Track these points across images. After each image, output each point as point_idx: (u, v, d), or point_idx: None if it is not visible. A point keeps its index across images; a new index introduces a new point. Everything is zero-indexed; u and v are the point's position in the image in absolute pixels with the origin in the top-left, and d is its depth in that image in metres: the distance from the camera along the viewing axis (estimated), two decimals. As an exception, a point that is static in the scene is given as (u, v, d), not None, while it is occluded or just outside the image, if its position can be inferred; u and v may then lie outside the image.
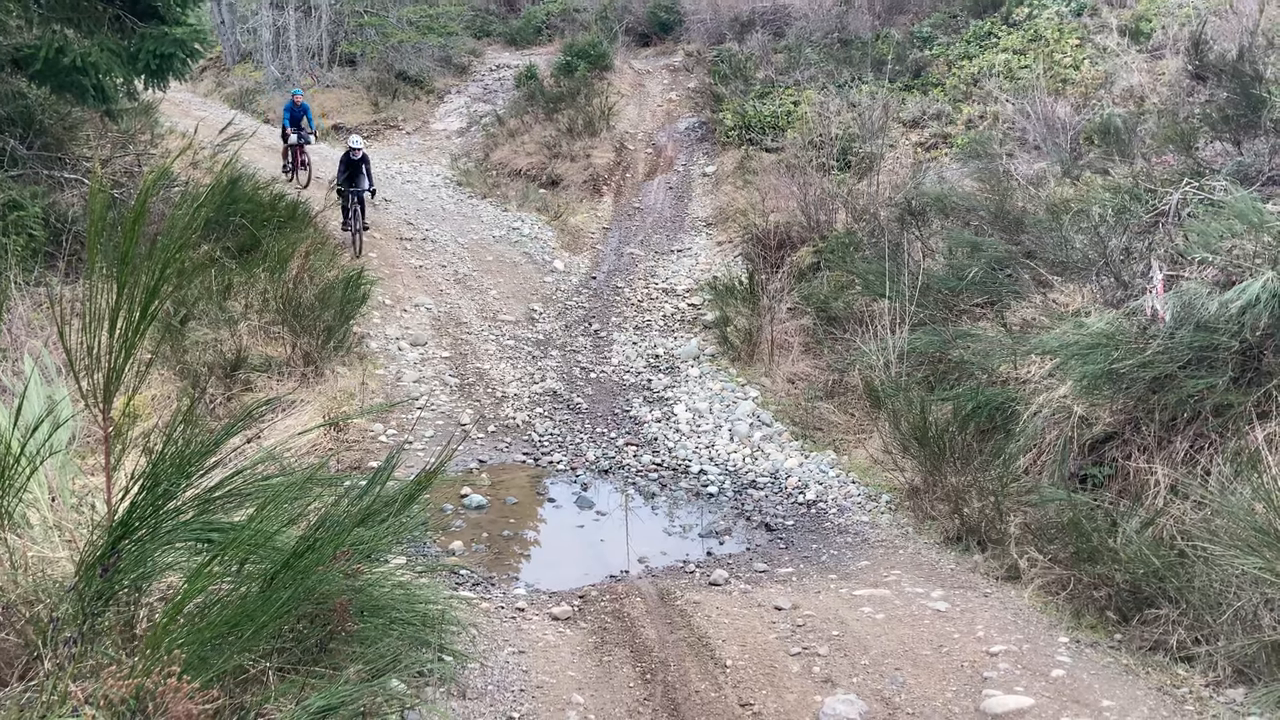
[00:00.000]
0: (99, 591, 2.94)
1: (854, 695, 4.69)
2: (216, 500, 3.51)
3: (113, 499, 3.37)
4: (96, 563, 2.96)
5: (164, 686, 2.27)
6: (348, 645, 3.73)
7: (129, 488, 3.11)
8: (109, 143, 11.74)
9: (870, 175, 12.92)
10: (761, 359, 10.60)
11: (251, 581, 3.13)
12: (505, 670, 4.92)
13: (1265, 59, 10.35)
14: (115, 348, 3.39)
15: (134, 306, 3.38)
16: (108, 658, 2.92)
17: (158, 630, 2.80)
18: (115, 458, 3.86)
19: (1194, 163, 9.00)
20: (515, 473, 8.52)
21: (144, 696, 2.34)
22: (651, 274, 14.11)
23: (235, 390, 8.37)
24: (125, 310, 3.38)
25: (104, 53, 9.10)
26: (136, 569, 3.11)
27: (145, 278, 3.36)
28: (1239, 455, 5.44)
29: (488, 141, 19.45)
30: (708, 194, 16.66)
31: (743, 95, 17.99)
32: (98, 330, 3.33)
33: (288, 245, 10.74)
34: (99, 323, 3.31)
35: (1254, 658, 4.44)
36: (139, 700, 2.33)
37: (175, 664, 2.40)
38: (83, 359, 3.36)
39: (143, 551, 3.13)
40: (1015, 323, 8.17)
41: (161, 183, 10.42)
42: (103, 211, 3.22)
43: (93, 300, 3.33)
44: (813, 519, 7.66)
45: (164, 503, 3.16)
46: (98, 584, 2.95)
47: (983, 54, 15.99)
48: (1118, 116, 11.33)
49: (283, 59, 22.72)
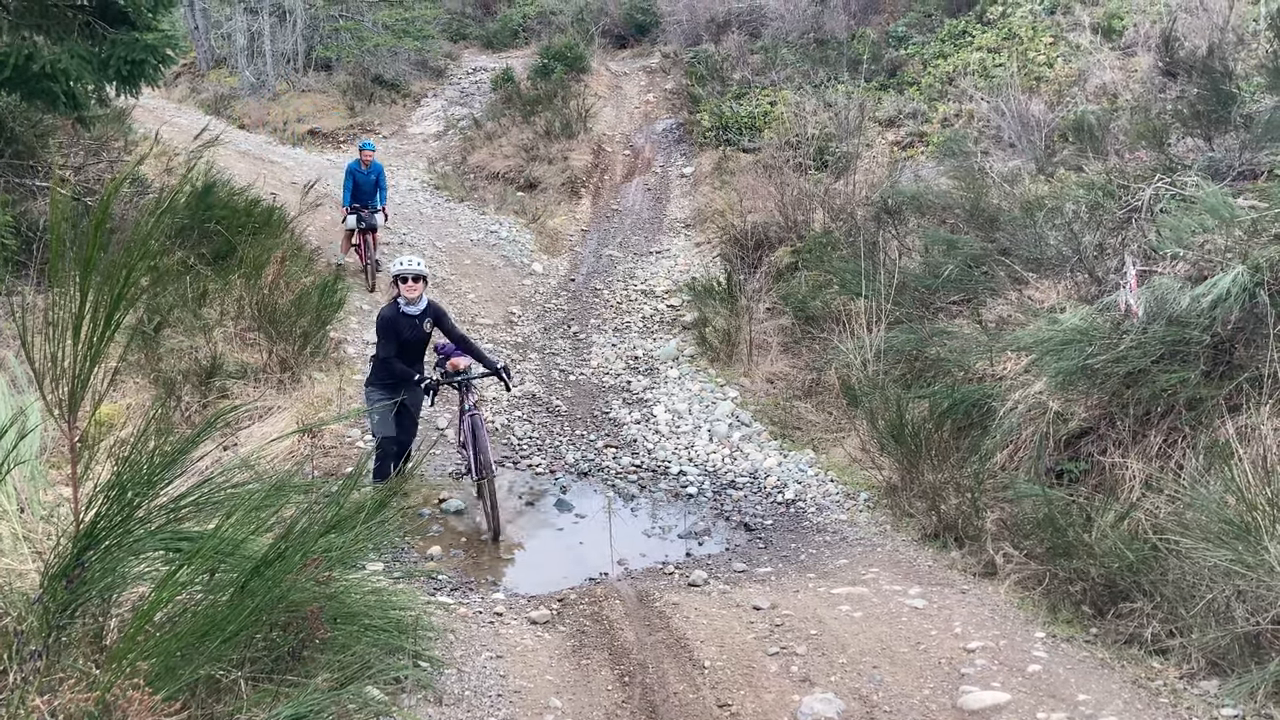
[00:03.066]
0: (64, 603, 2.91)
1: (832, 694, 4.69)
2: (186, 509, 3.48)
3: (80, 509, 3.34)
4: (61, 574, 2.93)
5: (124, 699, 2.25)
6: (321, 653, 3.70)
7: (94, 497, 3.08)
8: (81, 150, 11.63)
9: (847, 175, 12.97)
10: (740, 359, 10.60)
11: (220, 591, 3.10)
12: (483, 675, 4.89)
13: (1235, 55, 10.44)
14: (80, 356, 3.36)
15: (99, 314, 3.35)
16: (76, 670, 2.89)
17: (124, 641, 2.77)
18: (85, 467, 3.82)
19: (1166, 159, 9.07)
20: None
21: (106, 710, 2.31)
22: (630, 276, 14.10)
23: (211, 398, 8.31)
24: (90, 318, 3.35)
25: (74, 59, 9.00)
26: (103, 580, 3.08)
27: (111, 284, 3.33)
28: (1211, 448, 5.48)
29: (465, 145, 19.40)
30: (686, 195, 16.68)
31: (719, 96, 18.03)
32: (62, 339, 3.30)
33: (263, 251, 10.67)
34: (63, 331, 3.27)
35: (1227, 649, 4.46)
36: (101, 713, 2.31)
37: (139, 676, 2.37)
38: (48, 368, 3.33)
39: (109, 562, 3.10)
40: (991, 320, 8.20)
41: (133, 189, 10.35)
42: (63, 217, 3.18)
43: (57, 308, 3.30)
44: (791, 518, 7.66)
45: (131, 512, 3.14)
46: (63, 596, 2.92)
47: (957, 52, 16.07)
48: (1091, 113, 11.40)
49: (258, 64, 22.59)
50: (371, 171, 12.66)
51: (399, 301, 7.27)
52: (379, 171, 12.78)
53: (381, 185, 12.78)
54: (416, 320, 7.30)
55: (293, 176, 16.13)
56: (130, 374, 8.04)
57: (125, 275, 3.31)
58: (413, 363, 7.33)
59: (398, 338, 7.19)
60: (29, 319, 3.42)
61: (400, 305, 7.26)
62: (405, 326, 7.24)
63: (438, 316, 7.45)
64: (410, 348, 7.32)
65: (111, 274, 3.29)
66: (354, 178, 12.53)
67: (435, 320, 7.42)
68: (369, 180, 12.64)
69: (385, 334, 7.17)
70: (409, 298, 7.22)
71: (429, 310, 7.38)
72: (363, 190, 12.57)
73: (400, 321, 7.23)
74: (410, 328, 7.27)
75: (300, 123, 20.80)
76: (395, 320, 7.22)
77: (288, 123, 20.76)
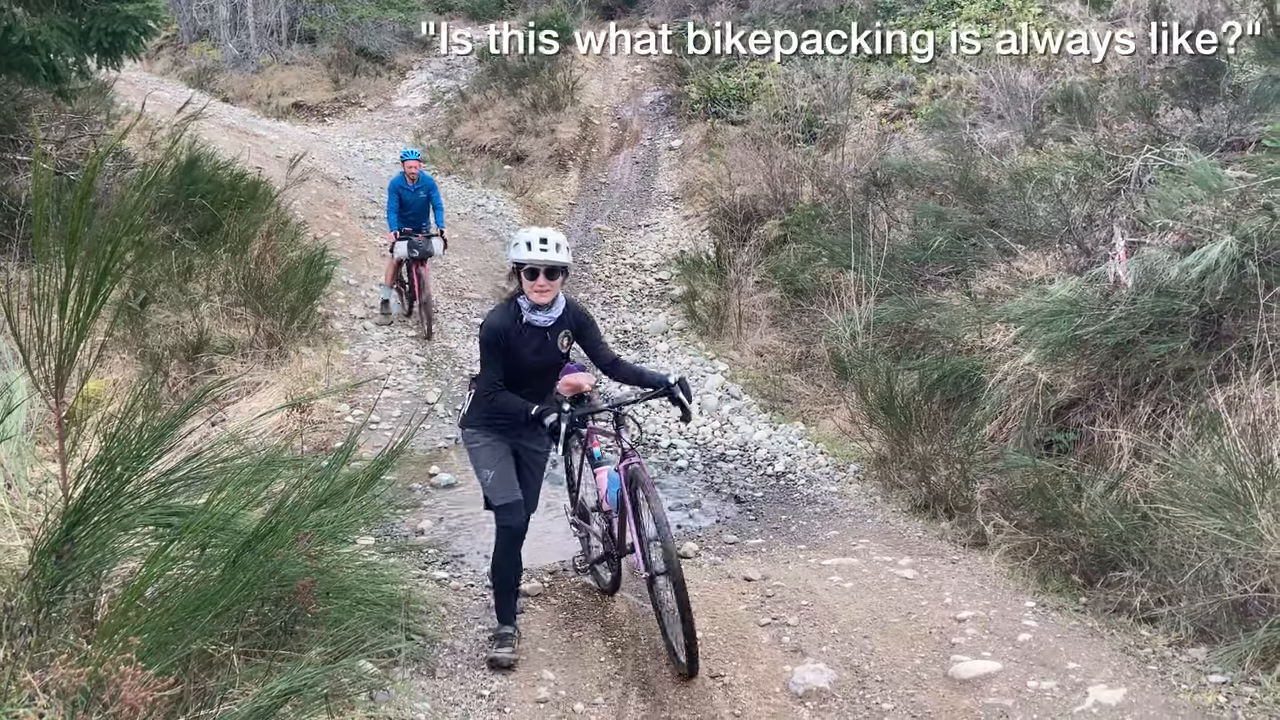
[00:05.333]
0: (54, 579, 2.89)
1: (823, 664, 4.71)
2: (175, 484, 3.46)
3: (68, 485, 3.32)
4: (51, 550, 2.91)
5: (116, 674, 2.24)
6: (314, 628, 3.70)
7: (82, 473, 3.06)
8: (63, 124, 11.49)
9: (836, 147, 12.93)
10: (730, 332, 10.60)
11: (212, 566, 3.09)
12: (475, 648, 4.90)
13: (1224, 25, 10.42)
14: (66, 331, 3.32)
15: (85, 289, 3.31)
16: (67, 646, 2.88)
17: (115, 617, 2.76)
18: (72, 442, 3.79)
19: (1155, 129, 9.07)
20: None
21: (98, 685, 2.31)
22: (619, 249, 14.06)
23: (198, 373, 8.27)
24: (76, 292, 3.31)
25: (54, 31, 8.88)
26: (93, 555, 3.06)
27: (96, 259, 3.29)
28: (1200, 418, 5.50)
29: (451, 118, 19.26)
30: (674, 168, 16.61)
31: (708, 68, 17.91)
32: (47, 314, 3.26)
33: (249, 226, 10.59)
34: (48, 306, 3.24)
35: (1215, 617, 4.50)
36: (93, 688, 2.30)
37: (130, 651, 2.36)
38: (34, 343, 3.30)
39: (99, 537, 3.08)
40: (980, 292, 8.21)
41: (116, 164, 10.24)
42: (46, 191, 3.14)
43: (42, 283, 3.26)
44: (782, 490, 7.68)
45: (120, 487, 3.12)
46: (53, 571, 2.90)
47: (946, 24, 16.00)
48: (1079, 85, 11.38)
49: (241, 36, 22.36)
50: (420, 187, 10.80)
51: (521, 304, 4.74)
52: (430, 186, 10.94)
53: (436, 203, 10.89)
54: (548, 334, 4.78)
55: (278, 150, 15.99)
56: (117, 350, 7.98)
57: (110, 249, 3.27)
58: (537, 394, 4.81)
59: (515, 360, 4.71)
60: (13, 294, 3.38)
61: (523, 310, 4.73)
62: (528, 342, 4.74)
63: (580, 327, 4.88)
64: (532, 374, 4.80)
65: (96, 248, 3.25)
66: (399, 195, 10.70)
67: (576, 333, 4.89)
68: (417, 198, 10.77)
69: (491, 353, 4.70)
70: (539, 301, 4.69)
71: (569, 317, 4.85)
72: (411, 210, 10.69)
73: (518, 335, 4.72)
74: (537, 345, 4.76)
75: (285, 96, 20.62)
76: (507, 334, 4.69)
77: (272, 96, 20.57)
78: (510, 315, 4.71)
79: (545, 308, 4.70)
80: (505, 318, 4.70)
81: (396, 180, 10.88)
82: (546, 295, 4.64)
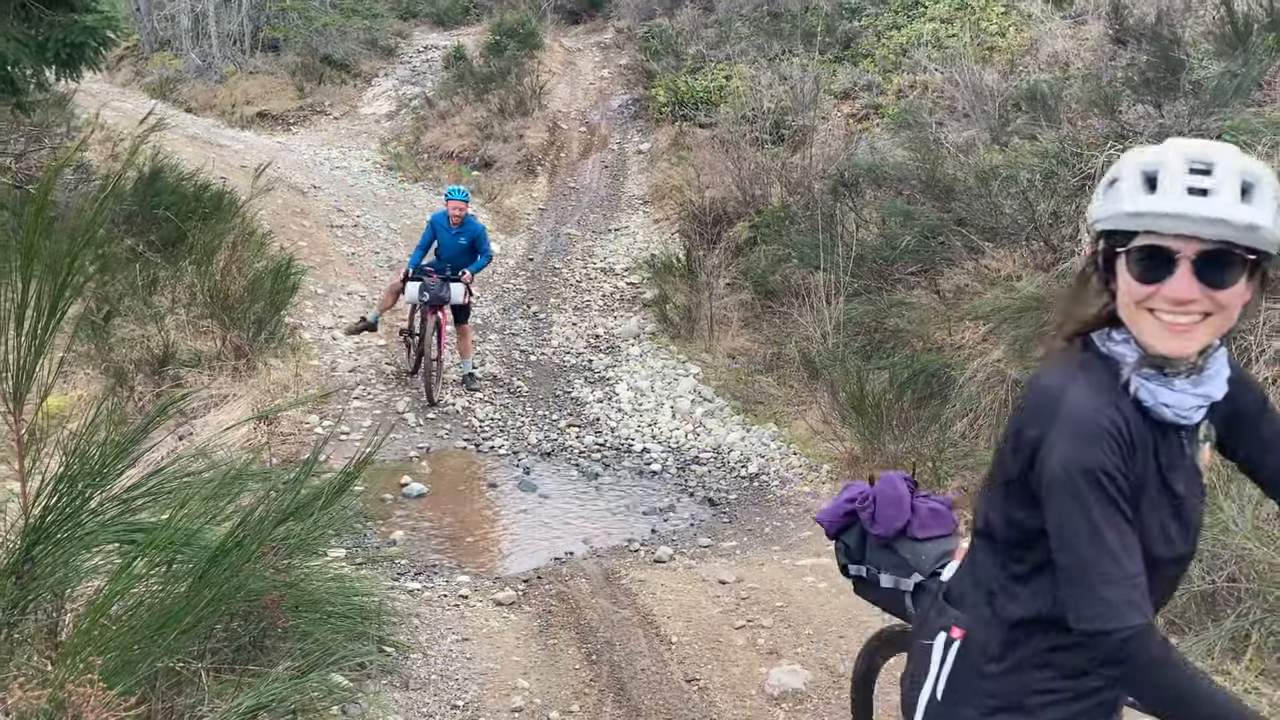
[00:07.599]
0: (14, 600, 2.84)
1: (799, 665, 4.71)
2: (139, 499, 3.41)
3: (28, 503, 3.26)
4: (11, 570, 2.86)
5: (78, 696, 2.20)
6: (283, 642, 3.66)
7: (42, 491, 3.00)
8: (22, 137, 11.35)
9: (803, 148, 12.96)
10: (701, 335, 10.60)
11: (177, 582, 3.04)
12: (449, 659, 4.86)
13: (1183, 22, 10.54)
14: (24, 347, 3.27)
15: (42, 303, 3.26)
16: (29, 668, 2.83)
17: (78, 636, 2.71)
18: (33, 460, 3.73)
19: (1118, 126, 9.13)
20: (456, 459, 8.43)
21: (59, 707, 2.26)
22: (589, 254, 14.04)
23: (165, 387, 8.17)
24: (33, 307, 3.26)
25: (10, 42, 8.77)
26: (55, 574, 3.01)
27: (55, 273, 3.24)
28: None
29: (418, 124, 19.16)
30: (643, 172, 16.61)
31: (675, 71, 17.93)
32: (3, 330, 3.21)
33: (215, 237, 10.48)
34: (4, 321, 3.18)
35: (1184, 608, 4.53)
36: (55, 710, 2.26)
37: (93, 671, 2.32)
38: (-10, 360, 3.24)
39: (61, 556, 3.03)
40: (948, 289, 8.25)
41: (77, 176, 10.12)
42: (3, 204, 3.09)
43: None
44: (755, 492, 7.68)
45: (82, 504, 3.07)
46: (13, 592, 2.85)
47: (910, 23, 16.09)
48: (1044, 82, 11.46)
49: (203, 46, 22.16)
50: (462, 232, 9.50)
51: (1120, 359, 1.76)
52: (477, 234, 9.60)
53: (483, 250, 9.61)
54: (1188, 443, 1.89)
55: (243, 160, 15.84)
56: (80, 365, 7.87)
57: (70, 262, 3.22)
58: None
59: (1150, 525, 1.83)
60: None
61: (1133, 382, 1.75)
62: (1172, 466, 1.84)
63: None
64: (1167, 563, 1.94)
65: (55, 262, 3.20)
66: (435, 232, 9.56)
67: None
68: (455, 243, 9.51)
69: (1105, 508, 1.72)
70: (1173, 351, 1.70)
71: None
72: (445, 256, 9.46)
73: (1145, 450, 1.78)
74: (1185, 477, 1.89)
75: (249, 105, 20.44)
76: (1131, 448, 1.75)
77: (236, 105, 20.40)
78: (1111, 395, 1.74)
79: (1193, 368, 1.75)
80: (1104, 400, 1.73)
81: (438, 217, 9.65)
82: (1189, 333, 1.70)
